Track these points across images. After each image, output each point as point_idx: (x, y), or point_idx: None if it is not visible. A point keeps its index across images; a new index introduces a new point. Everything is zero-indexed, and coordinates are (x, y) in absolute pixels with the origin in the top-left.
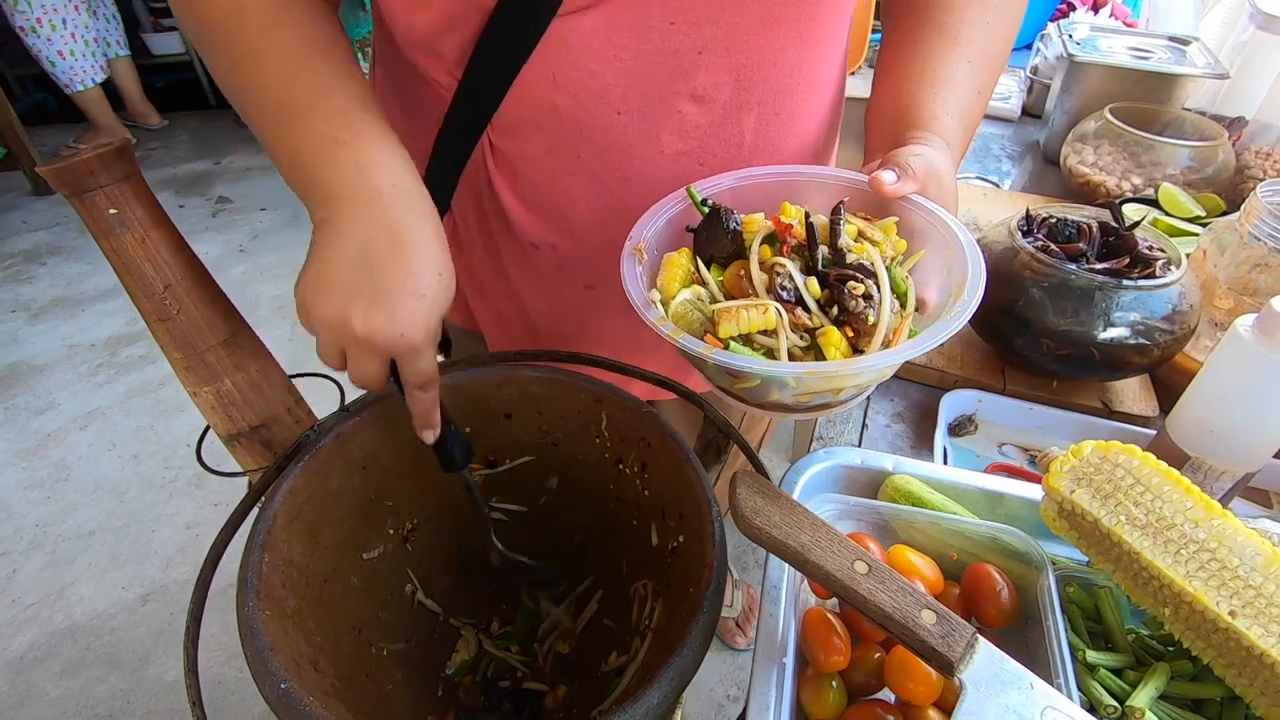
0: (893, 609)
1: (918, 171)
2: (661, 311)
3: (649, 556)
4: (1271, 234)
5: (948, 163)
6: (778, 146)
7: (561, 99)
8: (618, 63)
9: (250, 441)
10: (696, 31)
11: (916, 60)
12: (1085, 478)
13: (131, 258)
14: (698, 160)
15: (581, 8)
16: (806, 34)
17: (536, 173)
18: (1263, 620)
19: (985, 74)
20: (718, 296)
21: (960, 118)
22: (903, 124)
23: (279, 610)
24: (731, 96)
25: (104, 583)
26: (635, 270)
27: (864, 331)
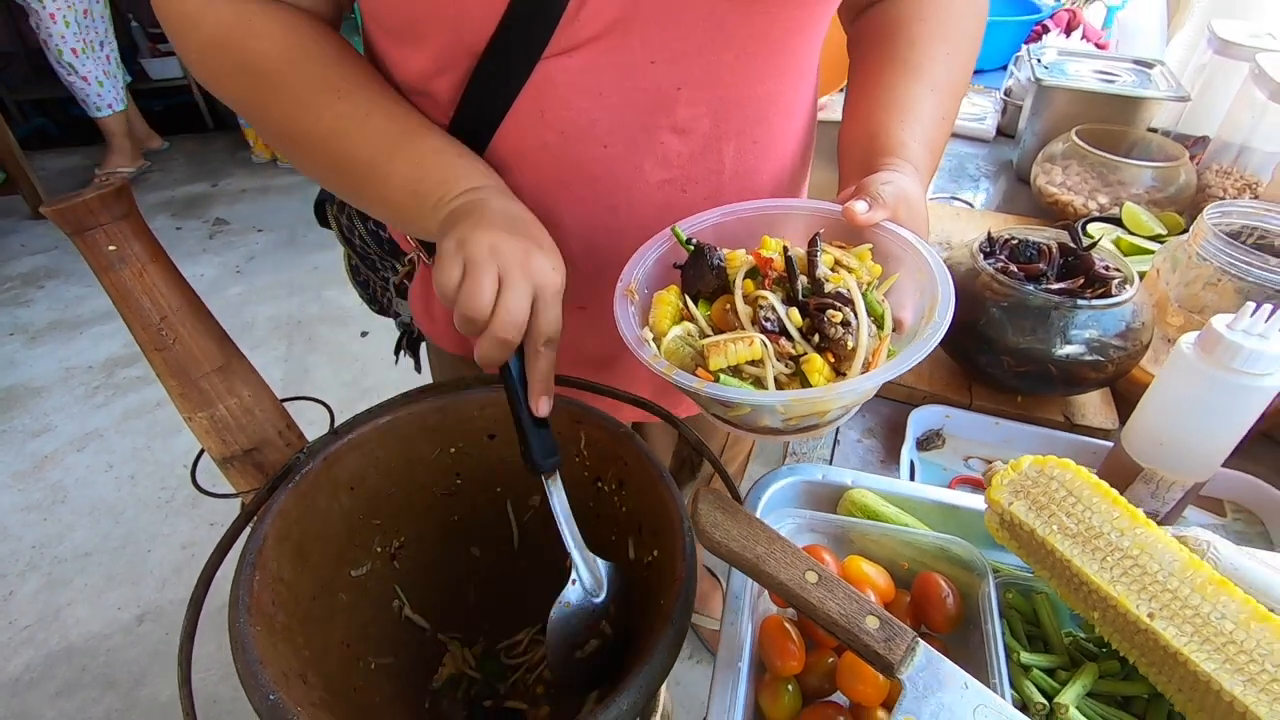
0: (839, 615)
1: (887, 199)
2: (655, 349)
3: (626, 570)
4: (1217, 254)
5: (916, 187)
6: (756, 172)
7: (550, 135)
8: (602, 100)
9: (243, 464)
10: (675, 69)
11: (883, 91)
12: (1023, 490)
13: (130, 291)
14: (680, 188)
15: (566, 49)
16: (780, 66)
17: (528, 204)
18: (1177, 621)
19: (947, 100)
20: (706, 331)
21: (926, 143)
22: (873, 151)
23: (269, 626)
24: (711, 128)
25: (100, 604)
26: (628, 311)
27: (844, 356)
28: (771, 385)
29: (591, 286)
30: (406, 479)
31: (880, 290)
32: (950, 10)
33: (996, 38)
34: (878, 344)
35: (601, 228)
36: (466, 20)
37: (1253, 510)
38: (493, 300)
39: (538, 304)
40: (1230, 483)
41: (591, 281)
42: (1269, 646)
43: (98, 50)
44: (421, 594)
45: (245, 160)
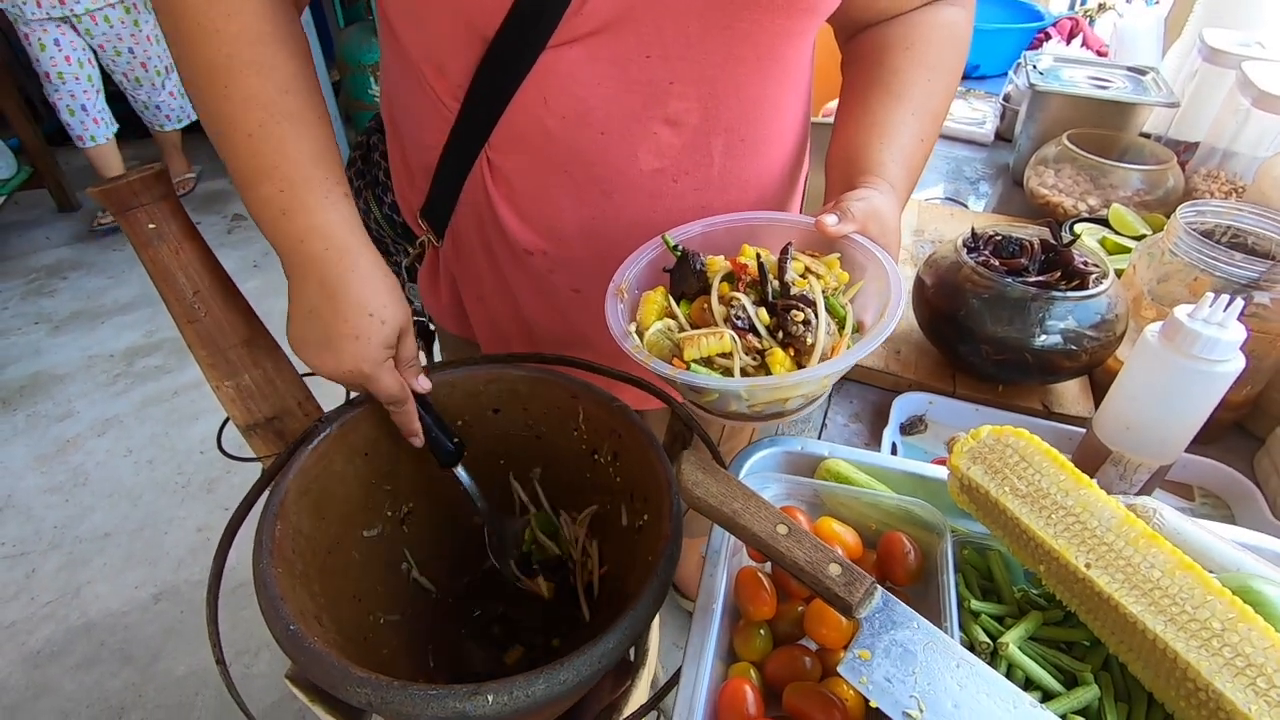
0: (805, 562)
1: (857, 215)
2: (638, 340)
3: (619, 536)
4: (1188, 251)
5: (890, 203)
6: (744, 168)
7: (551, 121)
8: (600, 89)
9: (265, 432)
10: (668, 65)
11: (867, 114)
12: (980, 457)
13: (166, 266)
14: (671, 177)
15: (569, 40)
16: (767, 71)
17: (529, 186)
18: (1111, 571)
19: (927, 123)
20: (685, 326)
21: (904, 163)
22: (855, 169)
23: (289, 570)
24: (701, 122)
25: (118, 582)
26: (617, 307)
27: (804, 350)
28: (738, 374)
29: (585, 270)
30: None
31: (847, 295)
32: (933, 41)
33: (999, 44)
34: (836, 341)
35: (597, 213)
36: (477, 11)
37: (1219, 495)
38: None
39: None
40: (1198, 468)
41: (585, 265)
42: (1190, 591)
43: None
44: (429, 558)
45: None
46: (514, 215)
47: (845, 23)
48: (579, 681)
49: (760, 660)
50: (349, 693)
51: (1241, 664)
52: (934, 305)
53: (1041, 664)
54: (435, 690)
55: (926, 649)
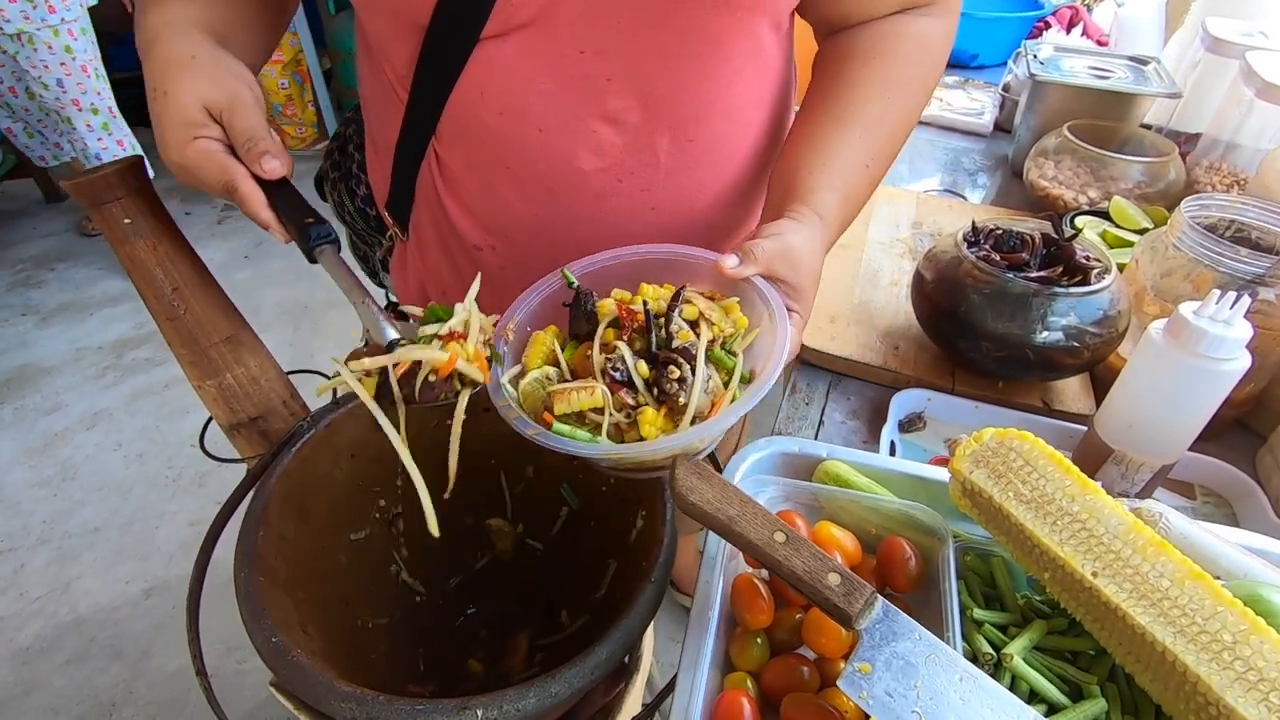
0: (804, 572)
1: (760, 255)
2: (510, 392)
3: (613, 538)
4: (1192, 246)
5: (810, 238)
6: (694, 169)
7: (489, 115)
8: (536, 84)
9: (249, 432)
10: (602, 61)
11: (812, 132)
12: (984, 461)
13: (143, 262)
14: (615, 177)
15: (500, 33)
16: (713, 70)
17: (473, 181)
18: (1119, 580)
19: (877, 145)
20: (566, 376)
21: (841, 191)
22: (786, 194)
23: (272, 578)
24: (642, 121)
25: (108, 577)
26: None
27: (677, 410)
28: (605, 433)
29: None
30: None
31: (744, 342)
32: (898, 55)
33: (998, 34)
34: (720, 395)
35: (542, 210)
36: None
37: (1221, 494)
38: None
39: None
40: (1200, 467)
41: (536, 262)
42: (1200, 602)
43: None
44: (418, 560)
45: None
46: (461, 211)
47: (817, 22)
48: (571, 693)
49: (757, 669)
50: (333, 707)
51: (1254, 678)
52: (934, 300)
53: (1046, 675)
54: (422, 705)
55: (928, 662)
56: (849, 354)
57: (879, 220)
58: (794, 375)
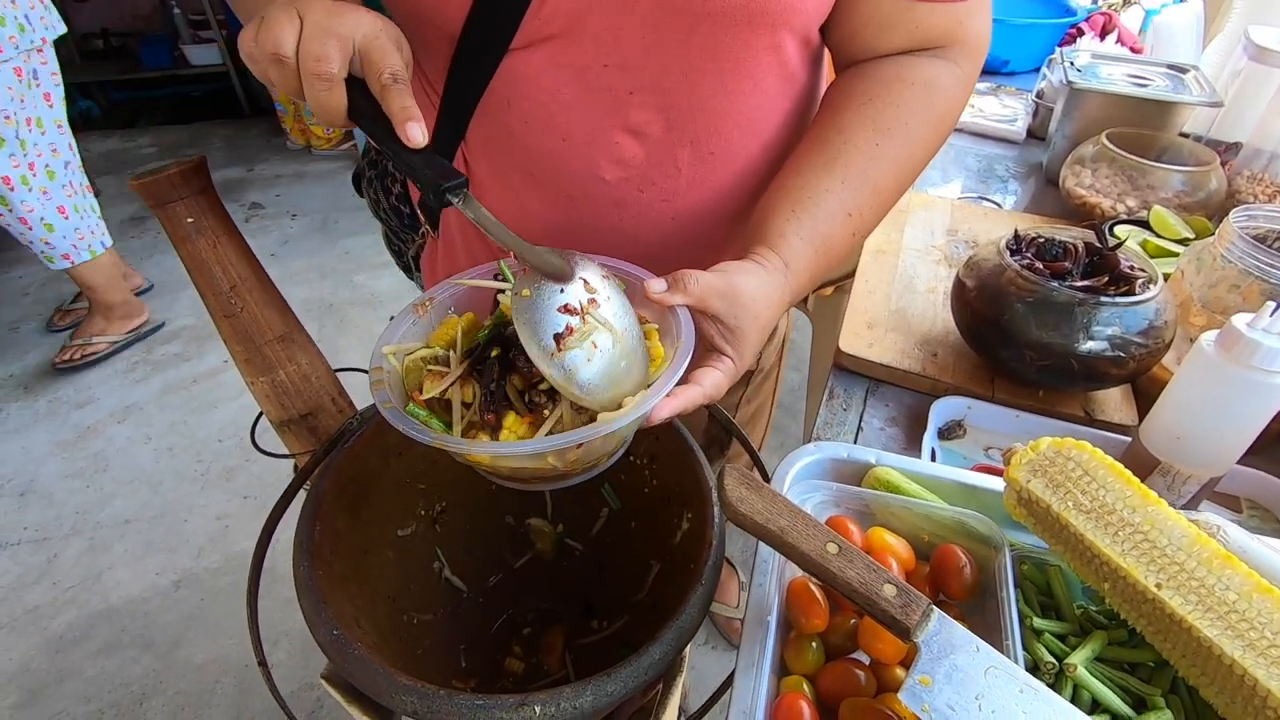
0: (859, 583)
1: (691, 289)
2: (390, 365)
3: (656, 539)
4: (1242, 256)
5: (764, 285)
6: (715, 180)
7: (516, 124)
8: (561, 95)
9: (299, 428)
10: (626, 74)
11: (793, 174)
12: (1040, 470)
13: (204, 260)
14: (637, 187)
15: (527, 44)
16: (734, 86)
17: (498, 187)
18: (1183, 592)
19: (863, 195)
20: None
21: (813, 241)
22: (755, 237)
23: (329, 572)
24: (664, 133)
25: (139, 569)
26: (403, 320)
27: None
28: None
29: None
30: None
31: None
32: (895, 99)
33: (1030, 40)
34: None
35: (565, 217)
36: (439, 9)
37: (1268, 508)
38: (294, 38)
39: (363, 48)
40: (1247, 480)
41: None
42: (1269, 615)
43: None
44: (460, 558)
45: (281, 146)
46: None
47: (833, 50)
48: (626, 692)
49: (812, 673)
50: (394, 700)
51: None
52: (975, 309)
53: (1110, 686)
54: (482, 700)
55: (988, 674)
56: (887, 360)
57: (914, 226)
58: (830, 381)
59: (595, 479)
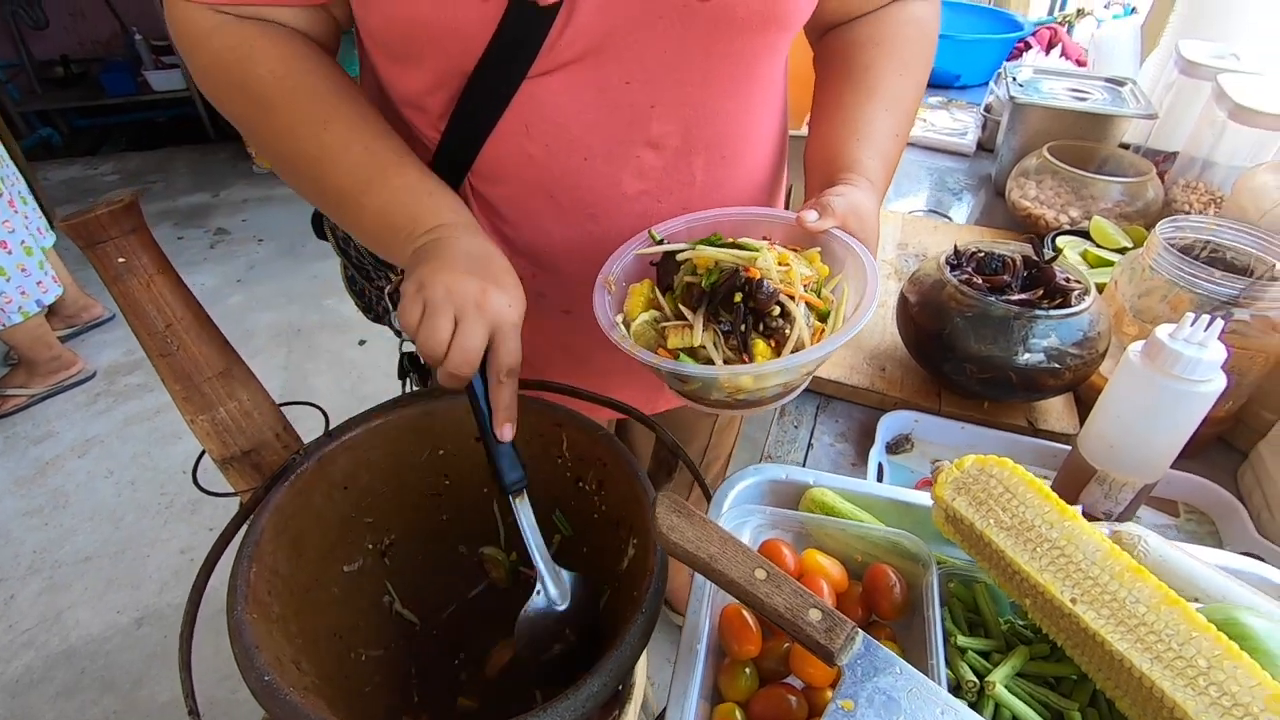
0: (785, 609)
1: (838, 210)
2: (624, 331)
3: (605, 565)
4: (1168, 268)
5: (869, 199)
6: (724, 184)
7: (534, 148)
8: (582, 116)
9: (242, 465)
10: (648, 89)
11: (841, 112)
12: (965, 488)
13: (137, 300)
14: (656, 198)
15: (549, 70)
16: (743, 90)
17: (515, 212)
18: (1097, 606)
19: (900, 120)
20: (670, 317)
21: (881, 158)
22: (834, 168)
23: (264, 614)
24: (682, 143)
25: (100, 606)
26: (604, 299)
27: (783, 342)
28: (719, 363)
29: (575, 291)
30: (397, 479)
31: (827, 288)
32: (901, 36)
33: (979, 55)
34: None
35: (584, 235)
36: (458, 43)
37: (1204, 511)
38: (448, 340)
39: (496, 338)
40: (1183, 484)
41: (575, 286)
42: (1176, 628)
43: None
44: (411, 590)
45: (246, 171)
46: (501, 241)
47: (816, 23)
48: None
49: (746, 700)
50: None
51: (1228, 703)
52: (918, 323)
53: (1029, 703)
54: None
55: (910, 696)
56: (837, 376)
57: None
58: None
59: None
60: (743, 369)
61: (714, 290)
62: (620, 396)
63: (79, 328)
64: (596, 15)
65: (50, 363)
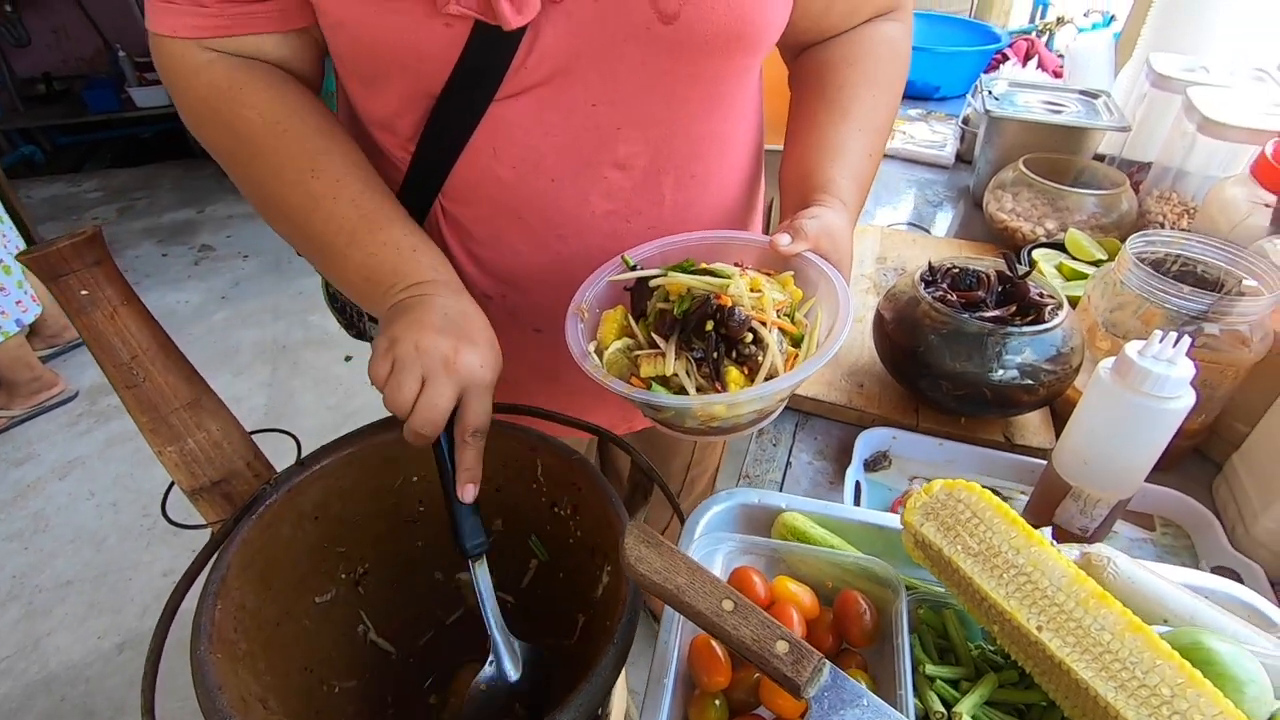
0: (752, 641)
1: (809, 233)
2: (597, 360)
3: (581, 592)
4: (1138, 284)
5: (842, 219)
6: (695, 203)
7: (503, 170)
8: (549, 138)
9: (212, 496)
10: (614, 111)
11: (817, 132)
12: (933, 513)
13: (101, 332)
14: (624, 218)
15: (515, 93)
16: (712, 111)
17: (484, 233)
18: (1062, 634)
19: (873, 139)
20: (643, 345)
21: (854, 178)
22: (807, 188)
23: (230, 653)
24: (650, 163)
25: (80, 632)
26: (577, 327)
27: (756, 369)
28: (692, 392)
29: (545, 310)
30: (371, 507)
31: (800, 312)
32: (875, 57)
33: (957, 67)
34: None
35: (553, 255)
36: (424, 66)
37: (1179, 524)
38: (413, 399)
39: (465, 397)
40: (1158, 498)
41: (545, 306)
42: (1140, 655)
43: None
44: (386, 619)
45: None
46: (470, 261)
47: (790, 43)
48: None
49: None
50: None
51: None
52: (894, 340)
53: None
54: None
55: None
56: (814, 393)
57: None
58: None
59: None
60: (715, 399)
61: (686, 318)
62: (595, 415)
63: (60, 348)
64: (561, 39)
65: (31, 383)
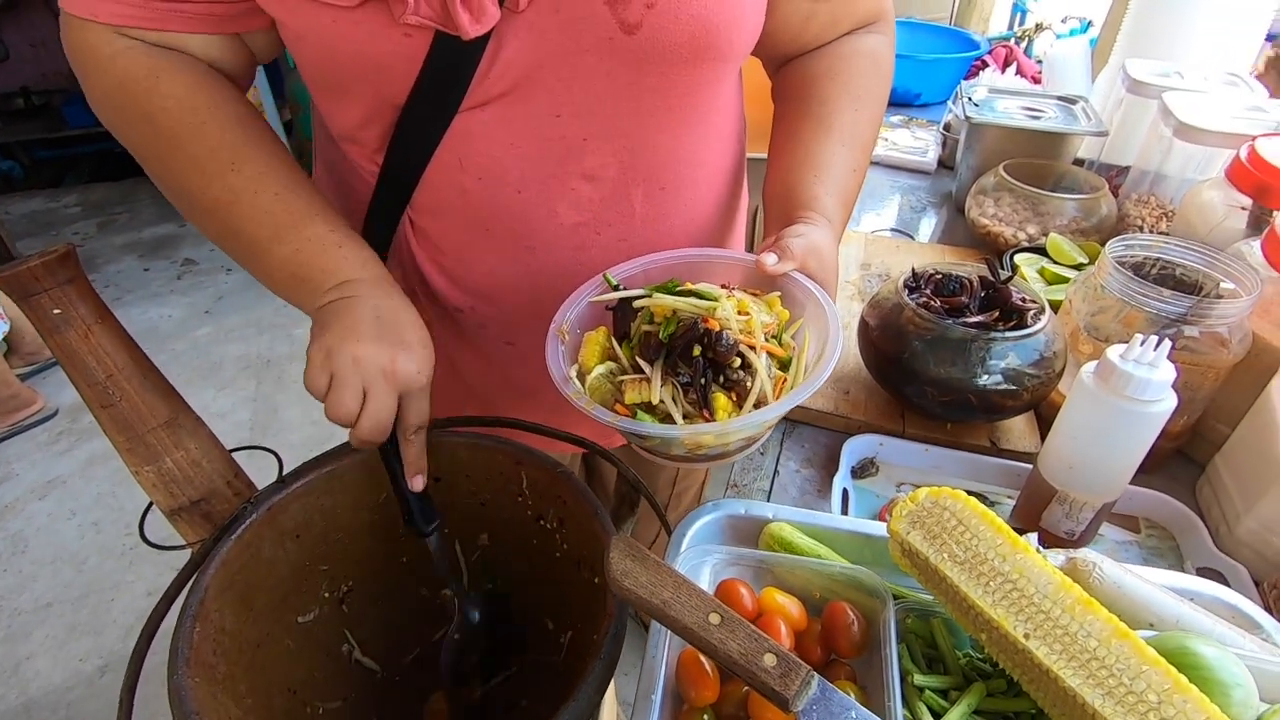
0: (739, 655)
1: (796, 252)
2: (579, 385)
3: (567, 604)
4: (1119, 287)
5: (827, 237)
6: (668, 214)
7: (469, 181)
8: (515, 149)
9: (191, 515)
10: (580, 122)
11: (799, 148)
12: (919, 521)
13: (75, 351)
14: (594, 230)
15: (480, 103)
16: (682, 120)
17: (452, 245)
18: (1049, 641)
19: (857, 154)
20: (627, 368)
21: (838, 195)
22: (791, 205)
23: (209, 676)
24: (618, 175)
25: (61, 655)
26: (558, 349)
27: (744, 395)
28: (679, 420)
29: (516, 323)
30: (353, 524)
31: (788, 333)
32: (857, 70)
33: (938, 74)
34: (780, 380)
35: (522, 267)
36: (385, 76)
37: (1164, 526)
38: (356, 411)
39: (404, 399)
40: (1143, 500)
41: (515, 318)
42: (1126, 661)
43: None
44: (372, 637)
45: None
46: (440, 274)
47: (771, 55)
48: None
49: None
50: None
51: None
52: (879, 347)
53: None
54: None
55: None
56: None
57: None
58: None
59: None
60: (703, 429)
61: (672, 342)
62: (578, 429)
63: (39, 365)
64: (524, 49)
65: (8, 401)
